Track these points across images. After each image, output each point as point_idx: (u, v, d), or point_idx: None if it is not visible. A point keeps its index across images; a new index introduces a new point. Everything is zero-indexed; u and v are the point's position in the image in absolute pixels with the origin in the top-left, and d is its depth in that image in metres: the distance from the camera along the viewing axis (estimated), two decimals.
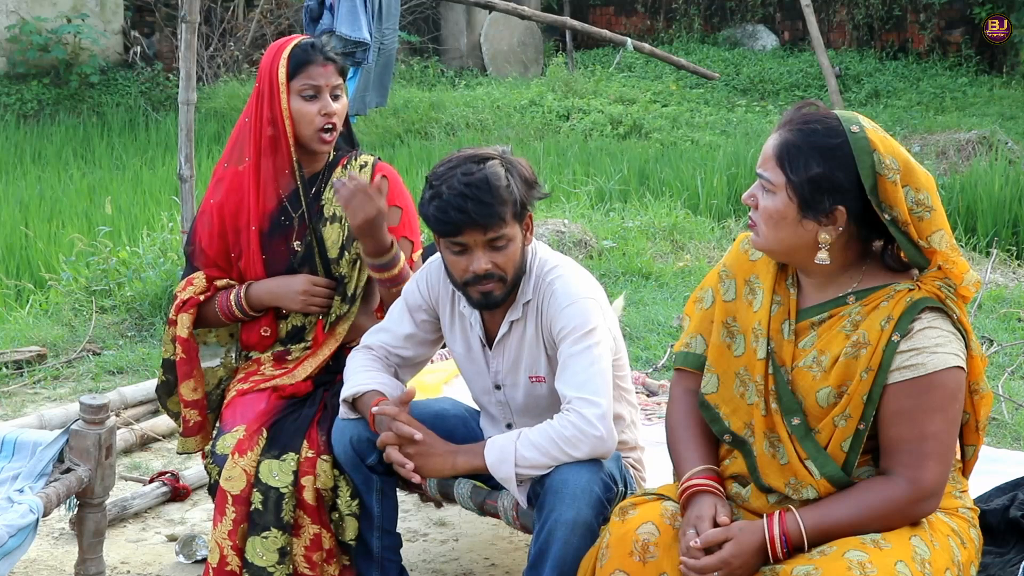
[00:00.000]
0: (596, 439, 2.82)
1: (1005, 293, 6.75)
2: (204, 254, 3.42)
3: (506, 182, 2.88)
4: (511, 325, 3.03)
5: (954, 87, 14.00)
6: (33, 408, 5.14)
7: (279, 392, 3.34)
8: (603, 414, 2.83)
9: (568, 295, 2.95)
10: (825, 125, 2.47)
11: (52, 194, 9.46)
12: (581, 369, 2.87)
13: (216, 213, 3.40)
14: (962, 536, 2.54)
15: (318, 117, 3.30)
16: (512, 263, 2.93)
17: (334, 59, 3.34)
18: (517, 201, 2.90)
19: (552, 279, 2.99)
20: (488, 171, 2.88)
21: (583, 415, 2.82)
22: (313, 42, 3.36)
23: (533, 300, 3.01)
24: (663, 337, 5.94)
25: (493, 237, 2.88)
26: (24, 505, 2.85)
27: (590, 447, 2.81)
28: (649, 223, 8.14)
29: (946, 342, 2.45)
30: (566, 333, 2.92)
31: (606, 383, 2.88)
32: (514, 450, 2.84)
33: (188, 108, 6.12)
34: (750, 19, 16.51)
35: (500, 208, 2.86)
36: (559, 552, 2.75)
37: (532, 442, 2.83)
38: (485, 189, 2.85)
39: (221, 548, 3.14)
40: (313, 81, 3.30)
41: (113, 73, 14.15)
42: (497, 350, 3.07)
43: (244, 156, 3.37)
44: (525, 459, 2.82)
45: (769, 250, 2.57)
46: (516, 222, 2.91)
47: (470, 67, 15.71)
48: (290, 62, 3.30)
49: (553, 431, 2.83)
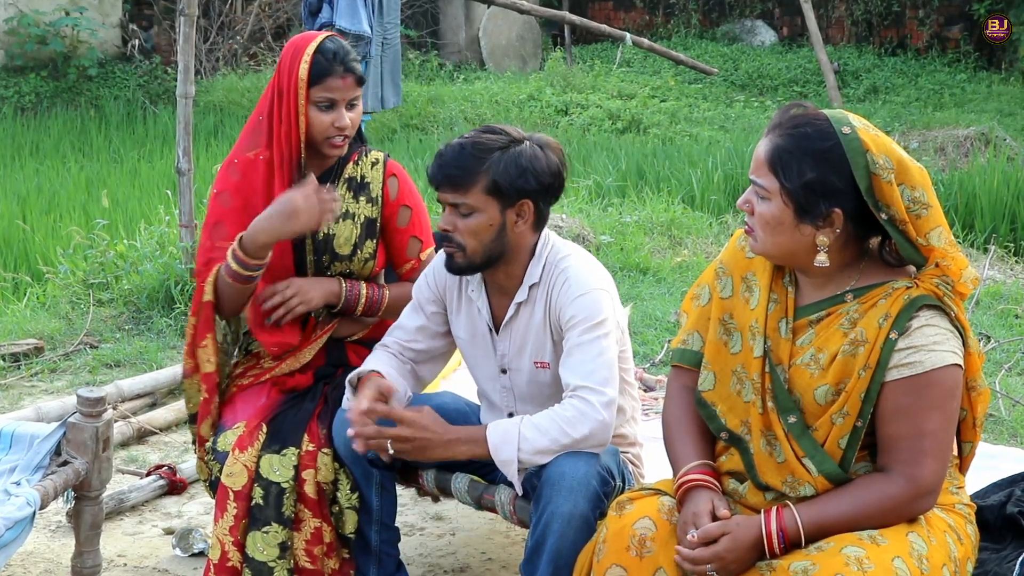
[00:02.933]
0: (599, 423, 2.83)
1: (1003, 289, 6.75)
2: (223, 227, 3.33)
3: (488, 157, 2.90)
4: (518, 308, 3.04)
5: (953, 83, 13.99)
6: (30, 401, 5.14)
7: (279, 386, 3.34)
8: (608, 402, 2.84)
9: (581, 285, 2.95)
10: (816, 128, 2.46)
11: (50, 187, 9.45)
12: (588, 359, 2.88)
13: (235, 193, 3.34)
14: (959, 532, 2.55)
15: (331, 128, 3.30)
16: (472, 235, 2.94)
17: (354, 70, 3.30)
18: (494, 179, 2.90)
19: (565, 267, 2.99)
20: (481, 141, 2.93)
21: (587, 400, 2.84)
22: (336, 50, 3.29)
23: (541, 285, 3.01)
24: (660, 332, 5.95)
25: (456, 202, 2.93)
26: (21, 498, 2.85)
27: (590, 428, 2.82)
28: (647, 218, 8.14)
29: (944, 340, 2.45)
30: (576, 322, 2.92)
31: (612, 374, 2.89)
32: (517, 432, 2.84)
33: (186, 101, 6.12)
34: (749, 14, 16.50)
35: (466, 176, 2.90)
36: (555, 545, 2.75)
37: (535, 424, 2.84)
38: (462, 153, 2.92)
39: (222, 544, 3.14)
40: (330, 94, 3.28)
41: (111, 66, 14.14)
42: (504, 333, 3.08)
43: (257, 147, 3.34)
44: (527, 440, 2.83)
45: (767, 254, 2.56)
46: (491, 198, 2.92)
47: (468, 61, 15.69)
48: (311, 68, 3.27)
49: (555, 413, 2.85)
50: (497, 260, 2.99)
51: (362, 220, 3.38)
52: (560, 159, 2.98)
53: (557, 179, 2.98)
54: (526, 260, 3.02)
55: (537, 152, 2.95)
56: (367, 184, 3.40)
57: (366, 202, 3.39)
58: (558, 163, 2.97)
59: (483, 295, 3.10)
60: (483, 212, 2.93)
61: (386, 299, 3.40)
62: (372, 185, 3.40)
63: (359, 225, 3.38)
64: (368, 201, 3.39)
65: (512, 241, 2.98)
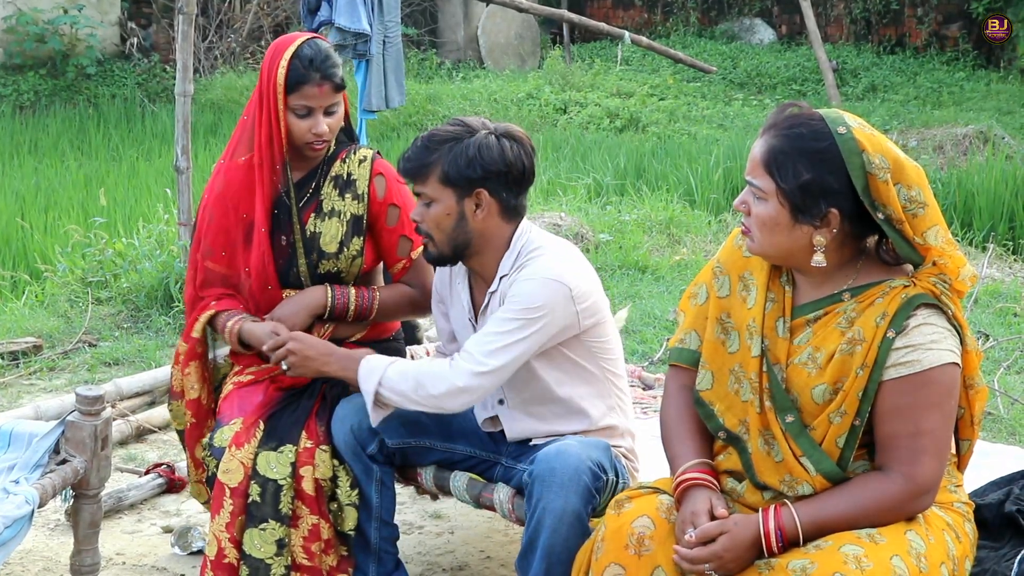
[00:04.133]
0: (456, 388, 2.94)
1: (1001, 288, 6.76)
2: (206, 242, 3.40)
3: (439, 148, 3.00)
4: (490, 296, 3.10)
5: (951, 82, 13.99)
6: (29, 399, 5.14)
7: (277, 384, 3.34)
8: (478, 373, 2.92)
9: (533, 272, 2.99)
10: (811, 128, 2.46)
11: (48, 185, 9.45)
12: (491, 332, 2.96)
13: (216, 205, 3.39)
14: (957, 530, 2.55)
15: (308, 134, 3.30)
16: (436, 224, 3.03)
17: (331, 76, 3.28)
18: (444, 169, 2.99)
19: (533, 257, 3.03)
20: (437, 133, 3.04)
21: (457, 363, 2.95)
22: (313, 57, 3.27)
23: (509, 276, 3.04)
24: (659, 331, 5.95)
25: (419, 191, 3.06)
26: (20, 496, 2.85)
27: (446, 389, 2.94)
28: (646, 216, 8.14)
29: (941, 338, 2.45)
30: (509, 302, 2.97)
31: (503, 354, 2.93)
32: (383, 369, 3.01)
33: (185, 100, 6.12)
34: (747, 13, 16.50)
35: (420, 167, 3.01)
36: (548, 541, 2.76)
37: (402, 368, 3.01)
38: (418, 145, 3.04)
39: (219, 540, 3.14)
40: (307, 102, 3.28)
41: (110, 64, 14.14)
42: (481, 320, 3.12)
43: (242, 151, 3.37)
44: (389, 379, 2.99)
45: (765, 255, 2.56)
46: (446, 188, 3.00)
47: (467, 60, 15.69)
48: (288, 74, 3.27)
49: (423, 365, 3.02)
50: (465, 249, 3.06)
51: (348, 217, 3.37)
52: (521, 149, 3.02)
53: (512, 168, 3.00)
54: (501, 252, 3.07)
55: (491, 142, 3.00)
56: (353, 181, 3.40)
57: (352, 199, 3.38)
58: (515, 153, 3.00)
59: (466, 286, 3.18)
60: (441, 202, 3.02)
61: (376, 302, 3.40)
62: (358, 182, 3.40)
63: (345, 222, 3.38)
64: (354, 198, 3.39)
65: (477, 230, 3.03)
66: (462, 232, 3.03)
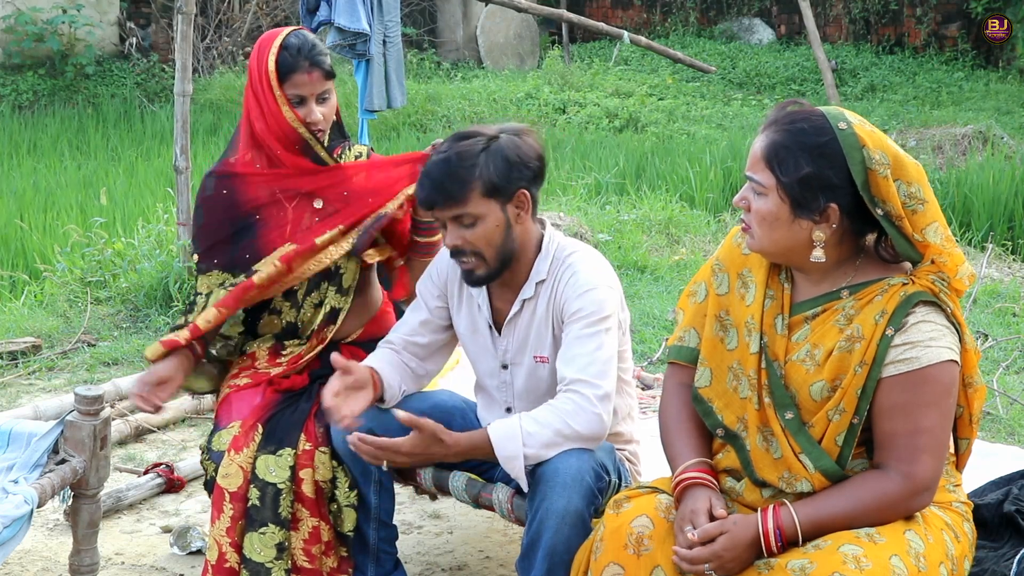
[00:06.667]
0: (594, 415, 2.84)
1: (1000, 288, 6.76)
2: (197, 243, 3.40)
3: (475, 161, 2.90)
4: (523, 304, 3.04)
5: (950, 82, 13.99)
6: (28, 399, 5.14)
7: (275, 386, 3.34)
8: (602, 396, 2.85)
9: (588, 280, 2.96)
10: (812, 123, 2.47)
11: (47, 185, 9.45)
12: (586, 352, 2.89)
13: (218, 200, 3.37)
14: (956, 530, 2.55)
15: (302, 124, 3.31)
16: (486, 241, 2.94)
17: (320, 63, 3.29)
18: (489, 180, 2.90)
19: (571, 262, 3.00)
20: (461, 149, 2.91)
21: (582, 394, 2.85)
22: (300, 45, 3.28)
23: (548, 280, 3.01)
24: (658, 331, 5.95)
25: (457, 214, 2.92)
26: (19, 496, 2.85)
27: (587, 421, 2.83)
28: (645, 216, 8.15)
29: (940, 336, 2.45)
30: (579, 317, 2.93)
31: (608, 370, 2.89)
32: (519, 428, 2.84)
33: (184, 99, 6.11)
34: (746, 13, 16.50)
35: (461, 186, 2.89)
36: (550, 541, 2.75)
37: (534, 418, 2.85)
38: (446, 169, 2.90)
39: (219, 545, 3.14)
40: (298, 90, 3.28)
41: (109, 64, 14.13)
42: (507, 329, 3.08)
43: (239, 148, 3.37)
44: (530, 435, 2.82)
45: (764, 251, 2.57)
46: (490, 200, 2.92)
47: (466, 60, 15.69)
48: (278, 65, 3.27)
49: (554, 407, 2.86)
50: (511, 260, 3.00)
51: None
52: (537, 142, 3.00)
53: (543, 162, 3.00)
54: (532, 256, 3.03)
55: (516, 141, 2.96)
56: None
57: None
58: (538, 146, 2.99)
59: (483, 292, 3.11)
60: (488, 216, 2.93)
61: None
62: None
63: None
64: None
65: (520, 236, 2.99)
66: (510, 241, 2.97)
